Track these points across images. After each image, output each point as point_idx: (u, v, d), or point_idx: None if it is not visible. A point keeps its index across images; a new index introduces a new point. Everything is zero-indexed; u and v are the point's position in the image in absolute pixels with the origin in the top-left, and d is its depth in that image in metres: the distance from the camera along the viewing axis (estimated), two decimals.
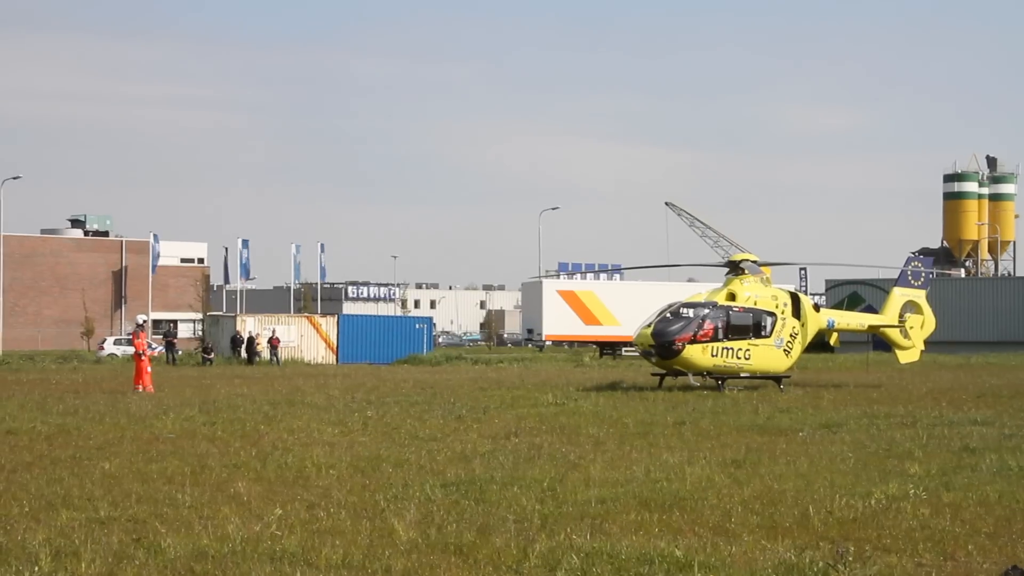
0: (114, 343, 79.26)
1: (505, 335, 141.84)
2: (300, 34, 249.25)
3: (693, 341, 38.21)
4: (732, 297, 39.61)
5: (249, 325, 71.22)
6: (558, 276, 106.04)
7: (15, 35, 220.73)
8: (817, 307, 42.87)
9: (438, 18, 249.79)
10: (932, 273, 47.41)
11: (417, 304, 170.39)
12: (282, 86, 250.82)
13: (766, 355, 39.35)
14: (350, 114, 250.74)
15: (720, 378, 38.70)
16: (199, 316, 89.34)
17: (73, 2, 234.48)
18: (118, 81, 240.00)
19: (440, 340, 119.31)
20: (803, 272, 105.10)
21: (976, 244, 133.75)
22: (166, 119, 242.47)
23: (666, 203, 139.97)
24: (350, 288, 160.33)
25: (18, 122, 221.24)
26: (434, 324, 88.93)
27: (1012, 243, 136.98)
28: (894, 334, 44.03)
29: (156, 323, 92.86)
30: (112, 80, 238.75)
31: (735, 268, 40.89)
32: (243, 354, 67.95)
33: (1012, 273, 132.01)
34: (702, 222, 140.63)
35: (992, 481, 17.29)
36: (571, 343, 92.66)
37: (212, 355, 65.94)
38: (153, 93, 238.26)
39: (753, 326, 39.23)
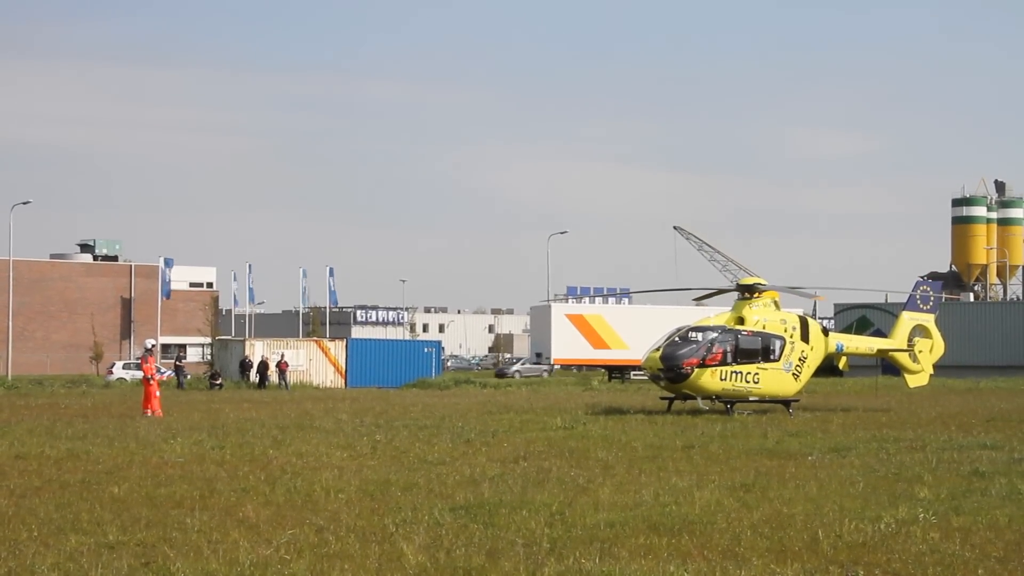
0: (123, 367, 79.35)
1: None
2: (309, 59, 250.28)
3: (702, 365, 38.20)
4: (741, 321, 39.61)
5: (258, 349, 71.30)
6: (567, 300, 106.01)
7: (25, 61, 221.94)
8: (826, 331, 42.82)
9: (446, 44, 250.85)
10: (941, 297, 47.35)
11: (426, 328, 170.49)
12: (291, 110, 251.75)
13: (775, 379, 39.32)
14: (359, 138, 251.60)
15: (729, 402, 38.67)
16: (208, 340, 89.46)
17: (83, 28, 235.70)
18: (127, 106, 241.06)
19: (449, 364, 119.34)
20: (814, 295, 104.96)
21: (985, 268, 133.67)
22: (175, 144, 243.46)
23: (675, 227, 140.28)
24: (359, 312, 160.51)
25: (28, 147, 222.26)
26: (443, 348, 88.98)
27: (1021, 267, 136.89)
28: (903, 358, 43.97)
29: (165, 347, 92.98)
30: (121, 105, 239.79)
31: (744, 291, 40.87)
32: (252, 378, 67.99)
33: (1021, 297, 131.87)
34: (711, 246, 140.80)
35: (1002, 505, 17.26)
36: (580, 367, 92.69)
37: (220, 380, 65.93)
38: (162, 118, 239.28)
39: (762, 350, 39.21)
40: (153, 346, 44.55)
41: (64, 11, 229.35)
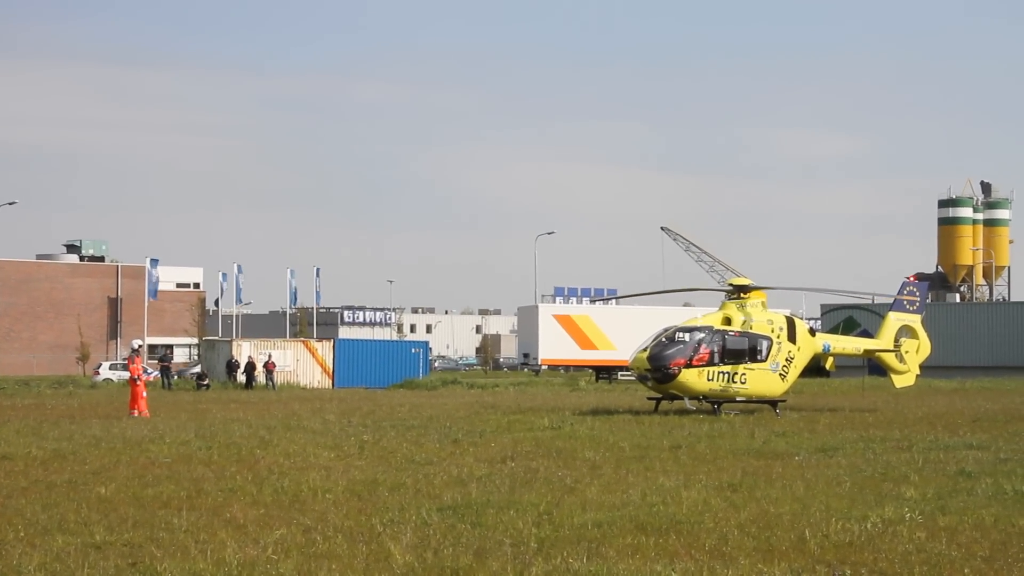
0: (110, 368, 79.17)
1: (501, 359, 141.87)
2: (298, 60, 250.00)
3: (689, 365, 38.19)
4: (728, 321, 39.63)
5: (245, 350, 71.17)
6: (554, 301, 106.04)
7: (11, 61, 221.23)
8: (813, 331, 42.85)
9: (435, 45, 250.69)
10: (927, 298, 47.42)
11: (413, 329, 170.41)
12: (279, 111, 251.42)
13: (762, 379, 39.34)
14: (347, 139, 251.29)
15: (716, 402, 38.68)
16: (195, 341, 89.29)
17: (69, 28, 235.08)
18: (114, 107, 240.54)
19: (436, 364, 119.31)
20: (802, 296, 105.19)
21: (971, 269, 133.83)
22: (162, 145, 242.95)
23: (662, 228, 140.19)
24: (346, 313, 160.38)
25: (14, 147, 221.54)
26: (430, 348, 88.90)
27: (1007, 268, 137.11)
28: (889, 359, 44.02)
29: (152, 348, 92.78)
30: (108, 106, 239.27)
31: (736, 292, 40.85)
32: (239, 378, 67.87)
33: (1007, 298, 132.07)
34: (698, 247, 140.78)
35: (988, 505, 17.30)
36: (567, 367, 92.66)
37: (207, 380, 65.79)
38: (149, 119, 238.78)
39: (749, 350, 39.21)
40: (140, 346, 44.49)
41: (51, 11, 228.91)
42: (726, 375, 38.72)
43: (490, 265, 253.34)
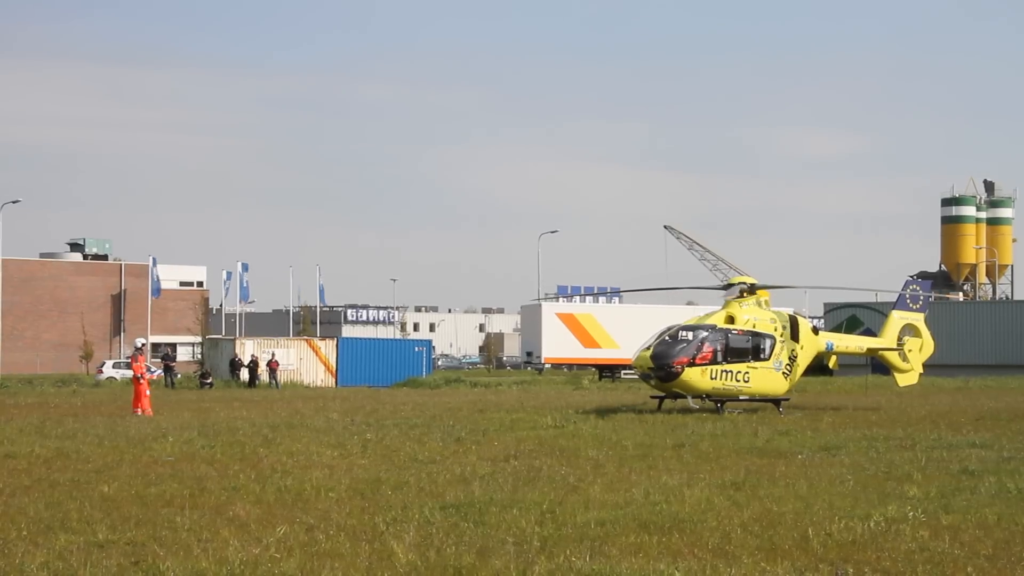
0: (113, 367, 79.19)
1: (504, 358, 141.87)
2: (300, 59, 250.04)
3: (692, 364, 38.18)
4: (731, 320, 39.61)
5: (248, 348, 71.19)
6: (557, 299, 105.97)
7: (14, 60, 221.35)
8: (816, 330, 42.83)
9: (436, 44, 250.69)
10: (930, 296, 47.40)
11: (416, 327, 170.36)
12: (282, 110, 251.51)
13: (765, 378, 39.32)
14: (349, 138, 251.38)
15: (719, 401, 38.68)
16: (198, 339, 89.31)
17: (72, 27, 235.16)
18: (117, 105, 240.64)
19: (439, 363, 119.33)
20: (804, 295, 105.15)
21: (974, 268, 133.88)
22: (164, 144, 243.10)
23: (665, 226, 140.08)
24: (349, 311, 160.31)
25: (17, 146, 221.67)
26: (433, 347, 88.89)
27: (1010, 267, 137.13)
28: (893, 357, 44.00)
29: (155, 347, 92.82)
30: (111, 104, 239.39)
31: (739, 290, 40.77)
32: (243, 376, 67.86)
33: (1010, 297, 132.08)
34: (701, 245, 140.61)
35: (991, 504, 17.29)
36: (570, 366, 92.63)
37: (211, 379, 65.81)
38: (152, 118, 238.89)
39: (752, 349, 39.20)
40: (143, 345, 44.49)
41: (52, 10, 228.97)
42: (729, 374, 38.71)
43: (493, 264, 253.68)
